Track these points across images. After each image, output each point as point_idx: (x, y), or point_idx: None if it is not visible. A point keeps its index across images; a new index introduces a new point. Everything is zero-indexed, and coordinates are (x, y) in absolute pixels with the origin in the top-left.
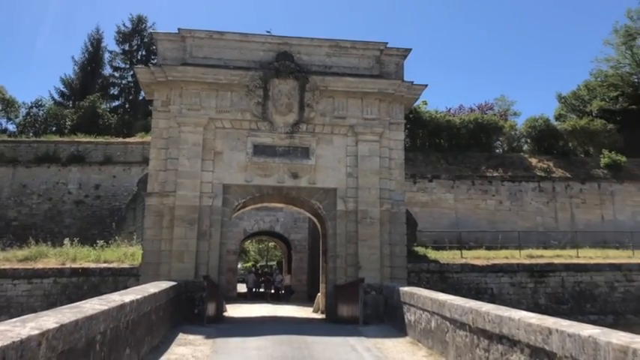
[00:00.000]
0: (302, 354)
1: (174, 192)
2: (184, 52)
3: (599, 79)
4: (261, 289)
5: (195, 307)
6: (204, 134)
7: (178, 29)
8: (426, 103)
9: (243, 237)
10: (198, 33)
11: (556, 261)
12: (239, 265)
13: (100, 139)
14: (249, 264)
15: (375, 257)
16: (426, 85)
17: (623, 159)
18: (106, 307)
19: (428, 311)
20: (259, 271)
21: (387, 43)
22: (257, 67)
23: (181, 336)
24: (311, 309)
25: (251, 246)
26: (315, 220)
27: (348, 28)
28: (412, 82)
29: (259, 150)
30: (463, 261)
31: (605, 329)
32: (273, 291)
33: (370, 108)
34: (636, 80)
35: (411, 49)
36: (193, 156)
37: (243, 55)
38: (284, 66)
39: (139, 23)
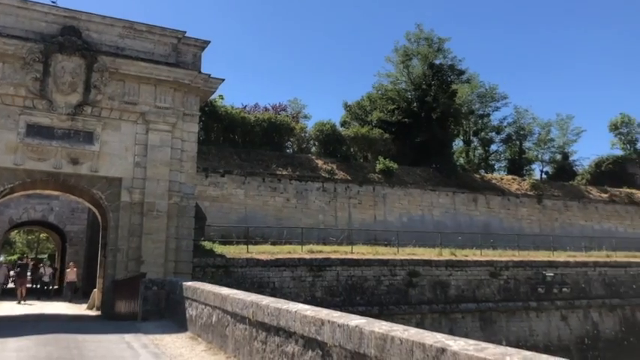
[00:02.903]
0: (71, 354)
1: None
2: None
3: (379, 92)
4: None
5: None
6: None
7: None
8: (222, 98)
9: (9, 227)
10: None
11: (333, 256)
12: (1, 258)
13: None
14: (15, 257)
15: (159, 251)
16: (223, 80)
17: (395, 166)
18: None
19: (210, 306)
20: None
21: (185, 32)
22: (38, 39)
23: None
24: (85, 306)
25: (18, 237)
26: (95, 210)
27: (145, 14)
28: (209, 74)
29: (34, 131)
30: (249, 256)
31: (370, 319)
32: (33, 286)
33: (164, 96)
34: (410, 96)
35: (209, 42)
36: None
37: (22, 23)
38: (70, 41)
39: None
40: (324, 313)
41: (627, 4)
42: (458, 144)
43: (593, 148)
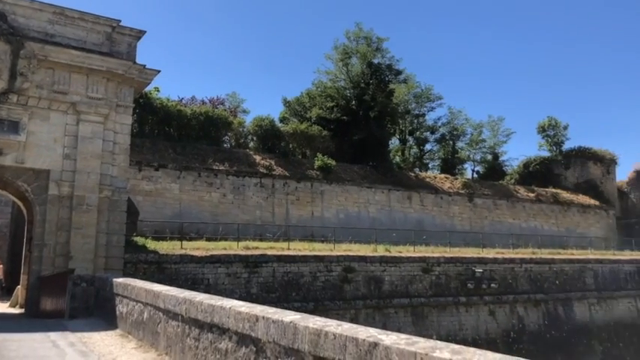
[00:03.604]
0: None
1: None
2: None
3: (319, 89)
4: None
5: None
6: None
7: None
8: (158, 90)
9: None
10: None
11: (269, 252)
12: None
13: None
14: None
15: (89, 247)
16: (159, 71)
17: (333, 163)
18: None
19: (142, 302)
20: None
21: (119, 20)
22: None
23: None
24: (8, 304)
25: None
26: (20, 204)
27: (78, 1)
28: (144, 65)
29: None
30: (183, 252)
31: (305, 315)
32: None
33: (96, 87)
34: (349, 94)
35: (145, 32)
36: None
37: None
38: None
39: None
40: (258, 310)
41: (558, 10)
42: (394, 142)
43: (521, 149)
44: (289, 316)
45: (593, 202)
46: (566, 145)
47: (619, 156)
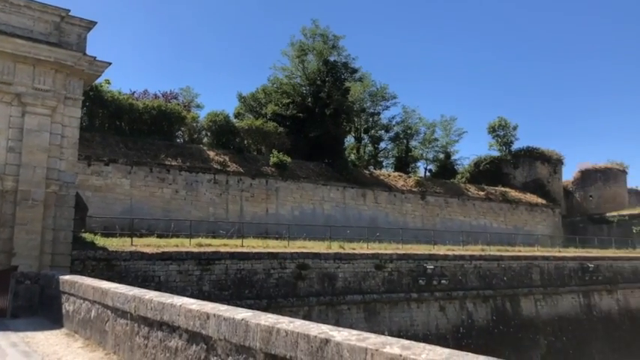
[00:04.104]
0: None
1: None
2: None
3: (275, 86)
4: None
5: None
6: None
7: None
8: (109, 82)
9: None
10: None
11: (222, 250)
12: None
13: None
14: None
15: (34, 243)
16: (110, 63)
17: (288, 159)
18: None
19: (89, 300)
20: None
21: (69, 10)
22: None
23: None
24: None
25: None
26: None
27: None
28: (95, 57)
29: None
30: (133, 249)
31: (257, 312)
32: None
33: (44, 78)
34: (305, 91)
35: (96, 22)
36: None
37: None
38: None
39: None
40: (209, 307)
41: (505, 15)
42: (349, 140)
43: (472, 148)
44: (241, 313)
45: (540, 200)
46: (516, 145)
47: (565, 156)
